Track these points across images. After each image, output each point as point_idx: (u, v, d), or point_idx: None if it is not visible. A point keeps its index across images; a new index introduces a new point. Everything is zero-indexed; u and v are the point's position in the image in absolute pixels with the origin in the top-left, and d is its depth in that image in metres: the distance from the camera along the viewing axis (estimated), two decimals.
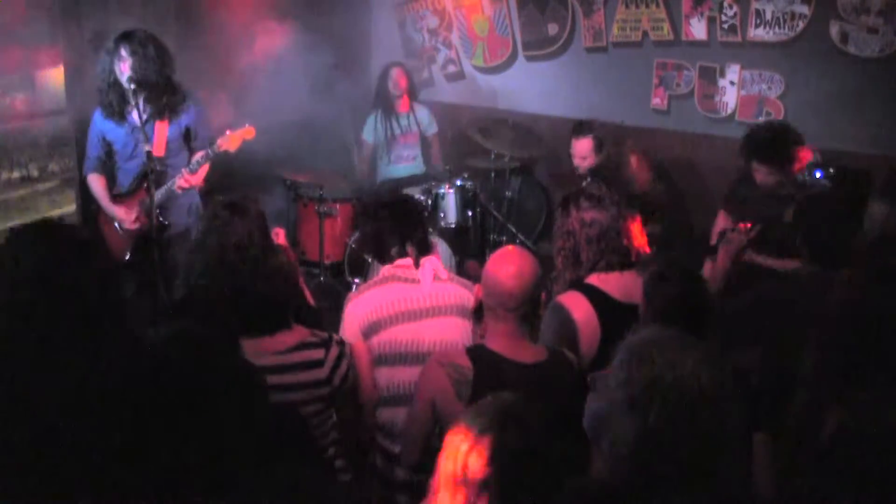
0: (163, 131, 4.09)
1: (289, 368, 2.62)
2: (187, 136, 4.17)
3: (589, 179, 4.68)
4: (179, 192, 4.07)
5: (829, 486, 1.77)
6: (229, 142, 4.08)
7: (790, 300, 2.69)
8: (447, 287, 2.96)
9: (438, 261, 3.02)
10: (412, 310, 2.90)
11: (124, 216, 4.15)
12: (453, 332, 2.91)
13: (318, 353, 2.68)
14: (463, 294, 2.95)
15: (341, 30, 6.18)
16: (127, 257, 4.19)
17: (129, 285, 4.05)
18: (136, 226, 4.14)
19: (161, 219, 4.01)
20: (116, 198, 4.21)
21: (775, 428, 2.26)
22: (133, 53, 3.89)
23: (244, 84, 5.09)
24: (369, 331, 2.90)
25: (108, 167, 4.25)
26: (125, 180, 4.22)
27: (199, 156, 4.09)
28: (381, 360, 2.91)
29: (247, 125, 4.16)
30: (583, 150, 4.82)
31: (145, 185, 3.94)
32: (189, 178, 4.04)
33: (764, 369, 2.61)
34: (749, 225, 3.17)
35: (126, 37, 3.94)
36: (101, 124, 4.15)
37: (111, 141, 4.17)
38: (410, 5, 6.69)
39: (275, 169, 5.39)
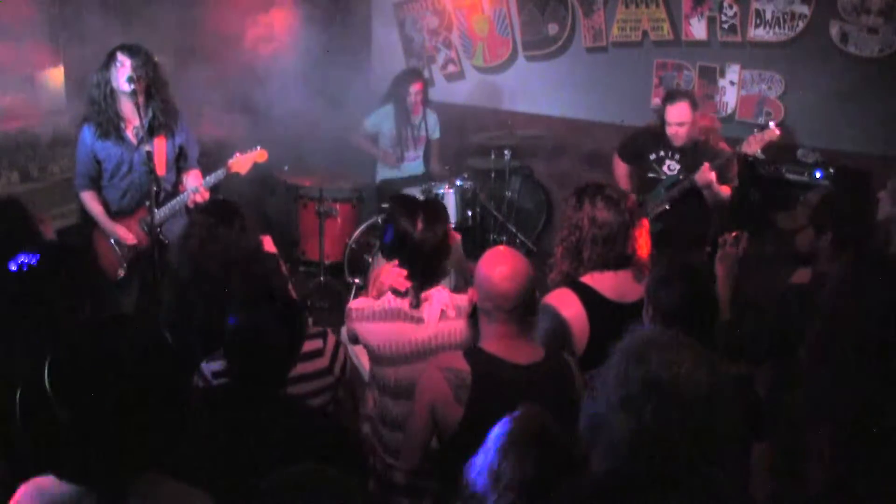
0: (161, 149, 3.99)
1: None
2: (180, 156, 4.08)
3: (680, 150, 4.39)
4: (192, 206, 3.92)
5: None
6: (240, 164, 4.03)
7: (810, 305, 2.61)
8: (452, 326, 2.76)
9: (447, 293, 2.82)
10: (412, 353, 2.76)
11: (124, 235, 4.02)
12: None
13: (316, 343, 2.68)
14: (468, 332, 2.76)
15: (341, 30, 6.18)
16: (122, 274, 4.06)
17: (129, 300, 4.01)
18: (134, 242, 4.03)
19: (162, 237, 3.91)
20: (116, 215, 4.07)
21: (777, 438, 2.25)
22: (133, 55, 3.78)
23: (243, 83, 5.08)
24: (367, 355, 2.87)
25: (97, 184, 4.08)
26: (113, 198, 4.05)
27: (211, 175, 4.02)
28: (373, 385, 2.85)
29: (258, 148, 4.10)
30: (682, 115, 4.29)
31: (147, 203, 3.77)
32: (205, 194, 3.95)
33: (777, 377, 2.60)
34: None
35: (122, 47, 3.83)
36: (92, 143, 3.94)
37: (102, 160, 3.97)
38: (410, 5, 6.68)
39: (275, 170, 5.39)
